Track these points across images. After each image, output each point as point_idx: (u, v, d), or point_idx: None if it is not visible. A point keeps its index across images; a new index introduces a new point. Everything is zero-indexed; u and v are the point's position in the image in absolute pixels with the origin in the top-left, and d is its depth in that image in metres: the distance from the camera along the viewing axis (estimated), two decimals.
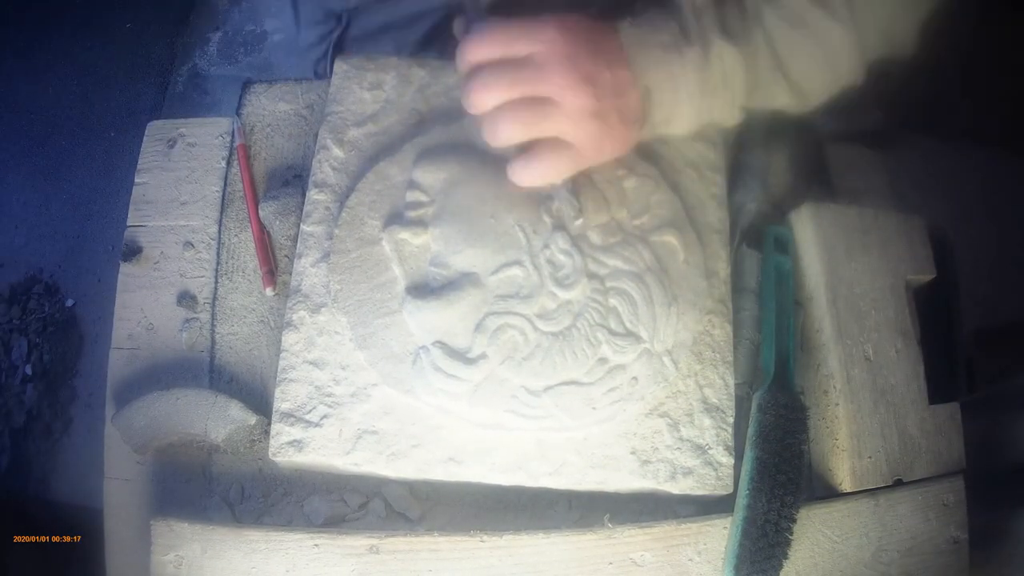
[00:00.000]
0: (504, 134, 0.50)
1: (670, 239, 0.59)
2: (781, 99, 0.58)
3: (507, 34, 0.49)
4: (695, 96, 0.55)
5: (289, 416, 0.54)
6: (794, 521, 0.52)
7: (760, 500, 0.52)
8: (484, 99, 0.49)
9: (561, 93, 0.49)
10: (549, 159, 0.51)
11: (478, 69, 0.50)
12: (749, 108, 0.58)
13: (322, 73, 0.88)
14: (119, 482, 0.59)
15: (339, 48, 0.84)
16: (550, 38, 0.49)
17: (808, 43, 0.55)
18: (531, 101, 0.49)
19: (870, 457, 0.57)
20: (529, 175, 0.52)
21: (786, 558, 0.51)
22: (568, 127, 0.50)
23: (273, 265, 0.63)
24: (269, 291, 0.62)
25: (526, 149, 0.52)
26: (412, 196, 0.59)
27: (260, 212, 0.63)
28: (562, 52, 0.49)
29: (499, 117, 0.49)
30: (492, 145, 0.51)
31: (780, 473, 0.53)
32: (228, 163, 0.67)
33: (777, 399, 0.56)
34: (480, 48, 0.49)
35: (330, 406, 0.55)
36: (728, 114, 0.58)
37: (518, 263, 0.56)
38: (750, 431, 0.56)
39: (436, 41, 0.81)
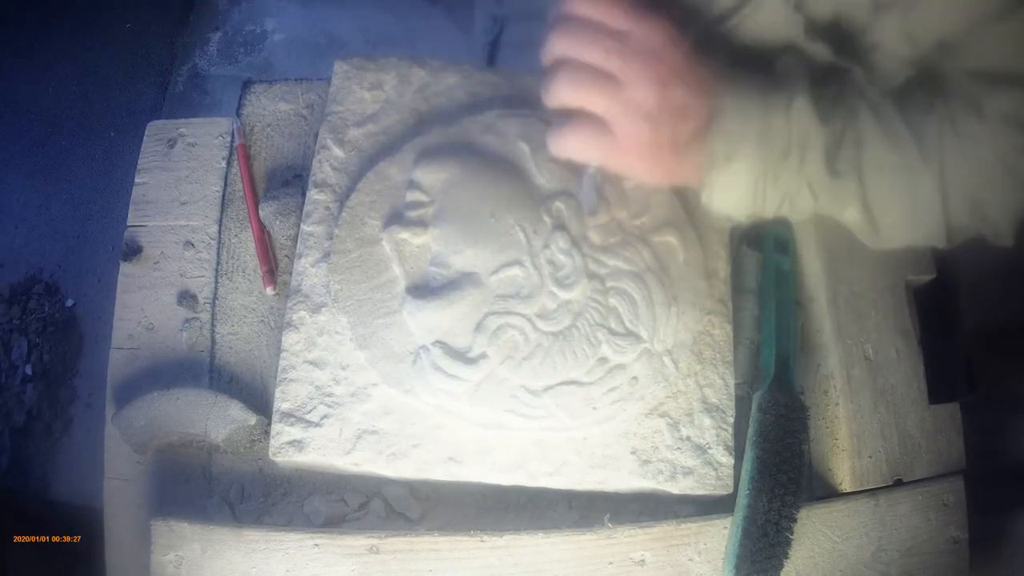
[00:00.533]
0: (559, 87, 0.48)
1: (670, 239, 0.59)
2: (850, 211, 0.52)
3: (618, 5, 0.48)
4: (762, 140, 0.49)
5: (289, 416, 0.54)
6: (794, 521, 0.52)
7: (761, 500, 0.52)
8: (563, 46, 0.48)
9: (631, 79, 0.47)
10: (584, 132, 0.49)
11: (573, 19, 0.48)
12: (817, 198, 0.51)
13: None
14: (119, 482, 0.59)
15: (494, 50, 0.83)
16: (651, 30, 0.48)
17: (889, 167, 0.50)
18: (600, 74, 0.47)
19: (870, 457, 0.57)
20: (561, 140, 0.49)
21: (786, 557, 0.51)
22: (619, 114, 0.48)
23: (273, 264, 0.63)
24: (269, 290, 0.62)
25: (570, 116, 0.49)
26: (412, 196, 0.59)
27: (260, 212, 0.63)
28: (653, 46, 0.48)
29: (564, 68, 0.48)
30: (543, 96, 0.49)
31: (780, 473, 0.53)
32: (228, 163, 0.67)
33: (777, 399, 0.56)
34: (587, 3, 0.48)
35: (330, 406, 0.55)
36: (795, 188, 0.51)
37: (518, 263, 0.56)
38: (750, 431, 0.56)
39: None
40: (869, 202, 0.51)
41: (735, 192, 0.51)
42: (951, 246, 0.53)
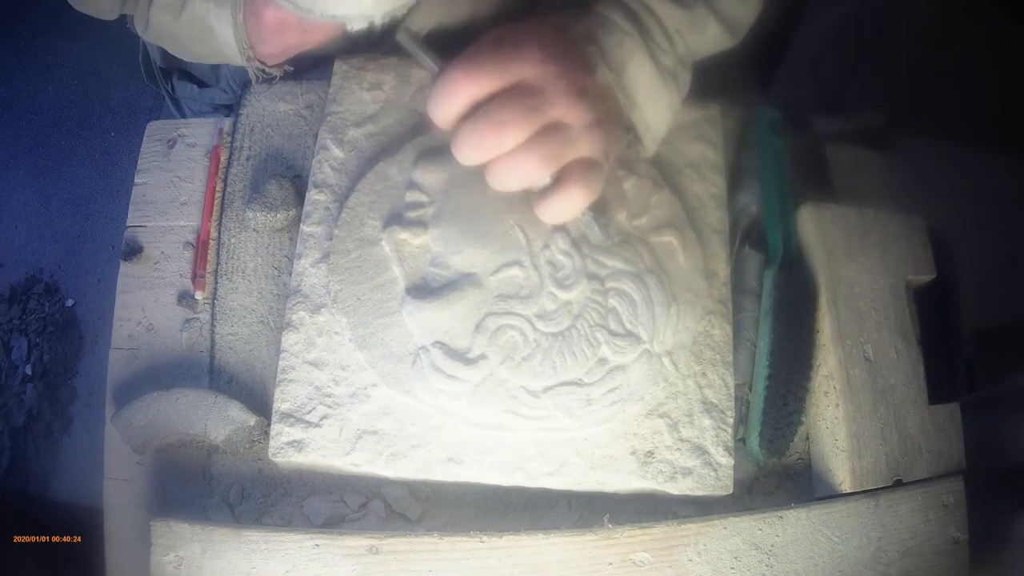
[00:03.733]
0: (533, 175, 0.46)
1: (670, 239, 0.59)
2: (711, 29, 0.58)
3: (495, 63, 0.45)
4: (648, 57, 0.53)
5: (289, 416, 0.54)
6: (808, 392, 0.59)
7: (781, 371, 0.57)
8: (502, 140, 0.45)
9: (569, 113, 0.46)
10: (582, 183, 0.47)
11: (478, 110, 0.45)
12: (690, 43, 0.57)
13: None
14: (119, 482, 0.59)
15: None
16: (538, 58, 0.45)
17: None
18: (547, 130, 0.45)
19: (870, 457, 0.57)
20: (567, 206, 0.48)
21: (801, 424, 0.58)
22: (584, 145, 0.47)
23: (203, 272, 0.63)
24: (199, 294, 0.63)
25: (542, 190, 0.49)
26: (412, 196, 0.59)
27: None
28: (554, 70, 0.46)
29: (522, 159, 0.45)
30: (508, 190, 0.48)
31: (797, 347, 0.58)
32: (228, 163, 0.67)
33: (792, 278, 0.59)
34: (471, 83, 0.44)
35: (330, 406, 0.55)
36: (683, 68, 0.57)
37: (518, 263, 0.56)
38: (765, 306, 0.59)
39: None
40: (719, 10, 0.58)
41: (651, 87, 0.54)
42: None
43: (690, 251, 0.59)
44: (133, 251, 0.65)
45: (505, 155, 0.46)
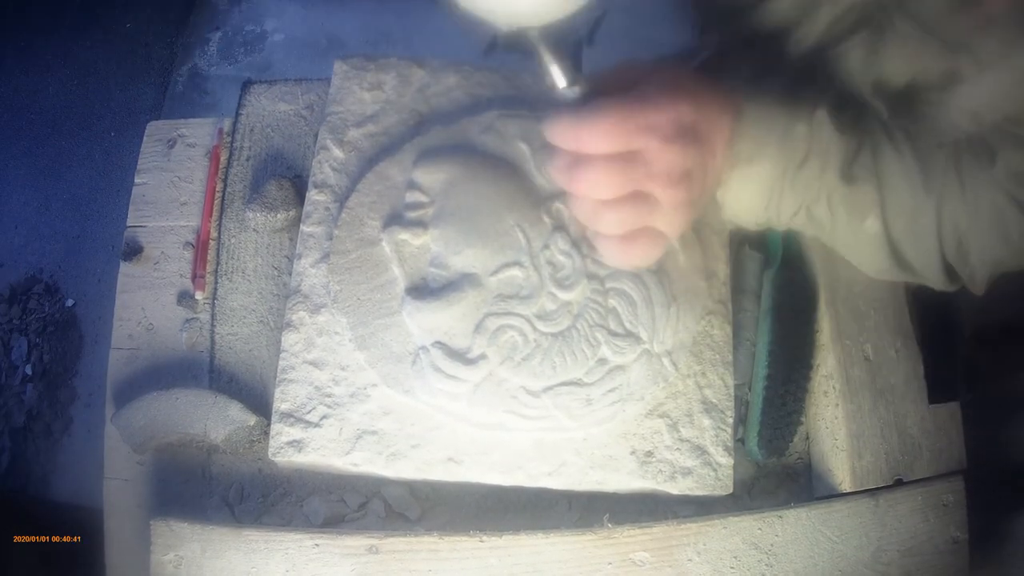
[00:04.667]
0: (607, 227, 0.47)
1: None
2: (870, 221, 0.52)
3: (624, 128, 0.44)
4: (783, 144, 0.49)
5: (289, 416, 0.54)
6: (807, 392, 0.58)
7: (780, 371, 0.57)
8: (592, 191, 0.45)
9: (664, 193, 0.46)
10: (646, 249, 0.48)
11: (587, 158, 0.45)
12: (835, 211, 0.52)
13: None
14: (119, 482, 0.59)
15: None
16: (667, 132, 0.44)
17: (901, 180, 0.51)
18: (636, 197, 0.46)
19: (870, 457, 0.57)
20: (627, 260, 0.49)
21: (798, 426, 0.58)
22: (664, 221, 0.47)
23: (203, 272, 0.64)
24: (199, 294, 0.63)
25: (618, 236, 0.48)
26: (412, 197, 0.58)
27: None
28: (672, 149, 0.45)
29: (604, 211, 0.46)
30: (589, 225, 0.48)
31: (795, 347, 0.58)
32: (228, 163, 0.67)
33: (792, 278, 0.59)
34: (595, 139, 0.44)
35: (330, 406, 0.55)
36: (814, 196, 0.51)
37: (518, 264, 0.56)
38: (764, 306, 0.59)
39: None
40: (887, 209, 0.51)
41: (750, 192, 0.51)
42: (940, 287, 0.54)
43: (690, 251, 0.59)
44: (133, 251, 0.65)
45: (588, 201, 0.46)
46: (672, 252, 0.59)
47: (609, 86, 0.45)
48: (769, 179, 0.50)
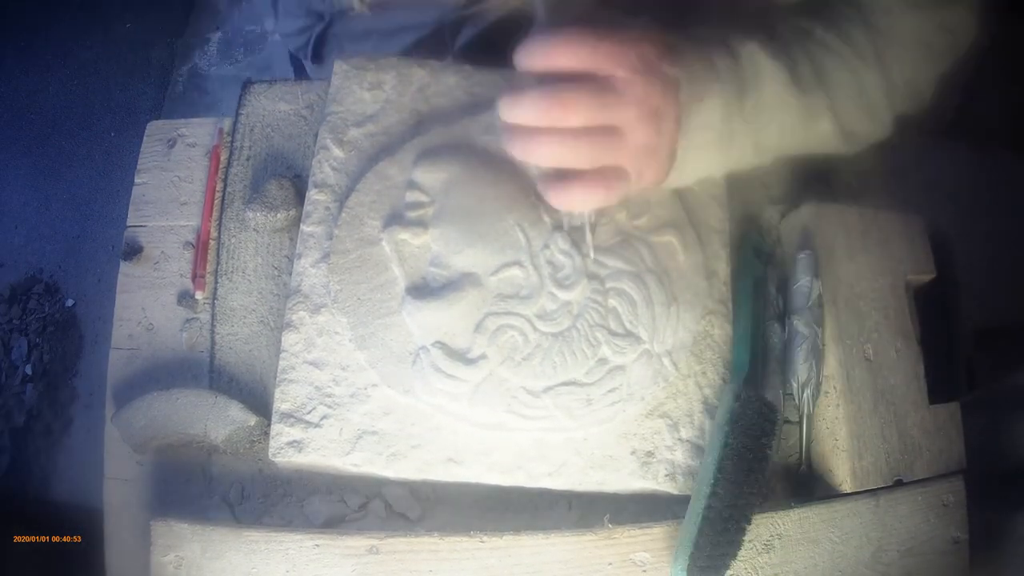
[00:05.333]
0: (568, 162, 0.46)
1: (670, 239, 0.59)
2: (823, 123, 0.55)
3: (596, 47, 0.44)
4: (728, 103, 0.50)
5: (289, 417, 0.54)
6: (749, 523, 0.50)
7: (727, 491, 0.50)
8: (560, 119, 0.44)
9: (632, 127, 0.46)
10: (605, 187, 0.47)
11: (556, 80, 0.44)
12: (786, 130, 0.54)
13: (299, 60, 0.83)
14: (119, 482, 0.59)
15: (320, 43, 0.82)
16: (636, 63, 0.45)
17: (842, 74, 0.54)
18: (601, 131, 0.45)
19: (871, 457, 0.57)
20: (580, 201, 0.48)
21: (734, 559, 0.50)
22: (627, 159, 0.47)
23: (204, 272, 0.63)
24: (199, 294, 0.63)
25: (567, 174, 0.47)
26: (412, 196, 0.58)
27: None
28: (643, 82, 0.45)
29: (569, 145, 0.44)
30: (529, 161, 0.47)
31: (749, 470, 0.52)
32: (228, 163, 0.67)
33: (756, 395, 0.55)
34: (565, 53, 0.43)
35: (330, 407, 0.55)
36: (764, 123, 0.53)
37: (518, 263, 0.56)
38: (720, 419, 0.54)
39: (415, 55, 0.79)
40: (837, 109, 0.55)
41: (705, 139, 0.51)
42: (895, 135, 0.59)
43: (690, 251, 0.59)
44: (133, 251, 0.65)
45: (553, 132, 0.45)
46: (672, 252, 0.59)
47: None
48: (719, 121, 0.51)
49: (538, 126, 0.45)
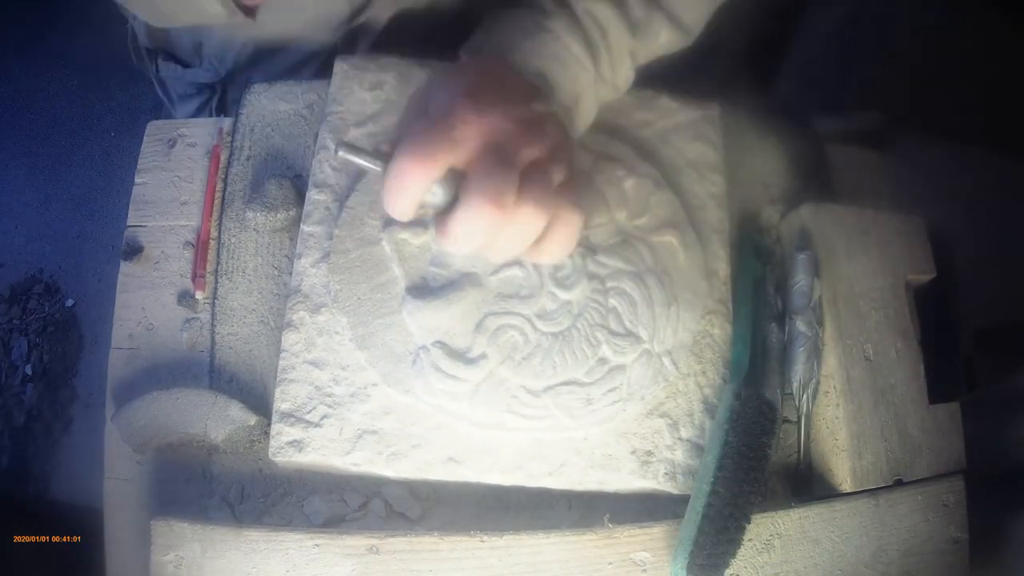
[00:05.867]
0: (537, 229, 0.45)
1: (670, 239, 0.59)
2: (664, 35, 0.57)
3: (439, 139, 0.42)
4: (582, 59, 0.52)
5: (289, 416, 0.54)
6: (748, 522, 0.50)
7: (728, 490, 0.50)
8: (503, 208, 0.43)
9: (533, 151, 0.45)
10: (576, 215, 0.46)
11: (466, 191, 0.43)
12: (639, 56, 0.57)
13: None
14: (119, 482, 0.59)
15: (221, 110, 0.83)
16: (477, 116, 0.43)
17: None
18: (528, 176, 0.44)
19: (871, 457, 0.57)
20: (554, 255, 0.48)
21: (733, 557, 0.50)
22: (558, 172, 0.46)
23: (204, 271, 0.64)
24: (199, 294, 0.63)
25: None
26: None
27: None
28: (500, 120, 0.44)
29: (525, 217, 0.43)
30: (511, 257, 0.47)
31: (749, 469, 0.51)
32: (228, 163, 0.67)
33: (758, 394, 0.55)
34: (424, 169, 0.42)
35: (330, 406, 0.55)
36: (623, 69, 0.56)
37: (518, 263, 0.56)
38: (720, 418, 0.54)
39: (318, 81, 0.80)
40: (675, 15, 0.56)
41: (586, 114, 0.54)
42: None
43: (690, 251, 0.59)
44: (133, 251, 0.65)
45: (506, 224, 0.43)
46: (672, 251, 0.59)
47: (408, 124, 0.45)
48: (594, 98, 0.54)
49: (497, 232, 0.44)
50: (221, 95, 0.82)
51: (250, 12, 0.59)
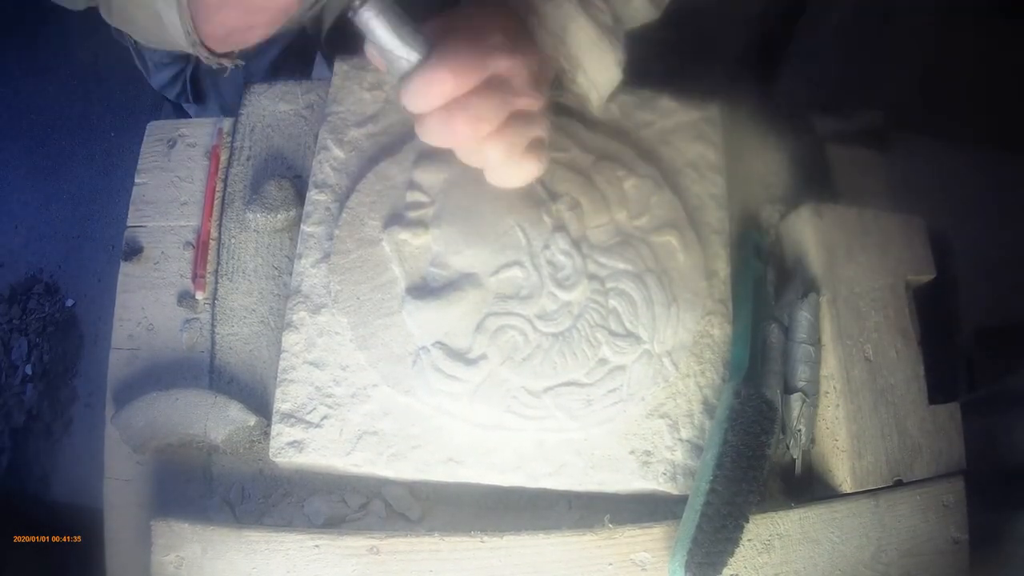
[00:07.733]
0: (505, 154, 0.48)
1: (670, 239, 0.59)
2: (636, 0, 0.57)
3: (475, 59, 0.45)
4: (587, 18, 0.53)
5: (289, 417, 0.54)
6: (747, 521, 0.50)
7: (726, 488, 0.50)
8: (475, 132, 0.46)
9: (532, 103, 0.48)
10: (538, 159, 0.49)
11: (452, 103, 0.46)
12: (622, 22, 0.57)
13: (179, 106, 0.86)
14: (119, 482, 0.59)
15: (195, 80, 0.83)
16: (508, 50, 0.47)
17: None
18: (512, 119, 0.47)
19: (871, 457, 0.57)
20: (526, 175, 0.50)
21: (732, 555, 0.50)
22: (539, 126, 0.49)
23: (204, 272, 0.64)
24: (199, 294, 0.63)
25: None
26: (412, 196, 0.58)
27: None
28: (521, 62, 0.47)
29: (491, 146, 0.47)
30: (477, 165, 0.49)
31: (748, 468, 0.51)
32: (228, 163, 0.67)
33: (758, 393, 0.54)
34: (456, 80, 0.45)
35: (330, 407, 0.55)
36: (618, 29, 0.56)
37: (518, 264, 0.56)
38: (720, 416, 0.54)
39: (285, 66, 0.82)
40: None
41: (592, 50, 0.54)
42: None
43: (690, 251, 0.59)
44: (133, 251, 0.65)
45: (473, 141, 0.47)
46: (672, 252, 0.59)
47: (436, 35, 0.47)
48: (593, 34, 0.53)
49: (458, 144, 0.47)
50: (196, 64, 0.83)
51: (224, 56, 0.60)
